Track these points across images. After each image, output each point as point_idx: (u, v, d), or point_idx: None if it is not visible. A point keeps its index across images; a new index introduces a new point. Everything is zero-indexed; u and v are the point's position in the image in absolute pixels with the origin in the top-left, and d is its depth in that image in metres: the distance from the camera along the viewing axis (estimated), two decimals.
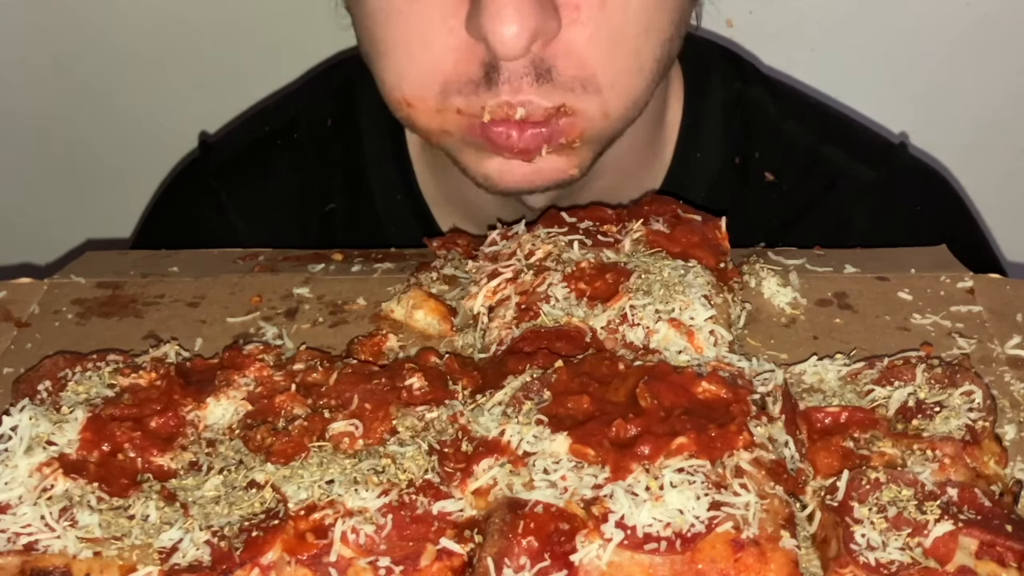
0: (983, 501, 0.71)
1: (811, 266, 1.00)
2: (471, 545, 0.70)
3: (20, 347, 0.94)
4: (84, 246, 1.75)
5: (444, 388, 0.81)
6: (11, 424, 0.77)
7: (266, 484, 0.73)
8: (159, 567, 0.69)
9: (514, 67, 0.95)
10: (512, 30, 0.91)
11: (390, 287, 1.00)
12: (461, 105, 0.99)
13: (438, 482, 0.73)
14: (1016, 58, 1.62)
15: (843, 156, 1.28)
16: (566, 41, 0.96)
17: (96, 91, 1.78)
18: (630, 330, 0.85)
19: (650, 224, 0.96)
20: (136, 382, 0.84)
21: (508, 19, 0.91)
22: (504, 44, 0.91)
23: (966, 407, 0.78)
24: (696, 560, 0.67)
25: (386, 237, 1.28)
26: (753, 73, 1.32)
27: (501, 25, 0.91)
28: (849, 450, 0.77)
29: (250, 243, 1.14)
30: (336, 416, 0.78)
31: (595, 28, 0.96)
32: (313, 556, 0.69)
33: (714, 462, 0.72)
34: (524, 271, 0.92)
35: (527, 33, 0.91)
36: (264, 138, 1.37)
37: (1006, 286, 0.96)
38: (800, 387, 0.84)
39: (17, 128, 1.83)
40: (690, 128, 1.26)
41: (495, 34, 0.91)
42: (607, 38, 0.97)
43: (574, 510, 0.70)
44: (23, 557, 0.70)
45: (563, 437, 0.74)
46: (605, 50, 0.97)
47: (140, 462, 0.78)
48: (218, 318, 0.97)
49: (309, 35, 1.57)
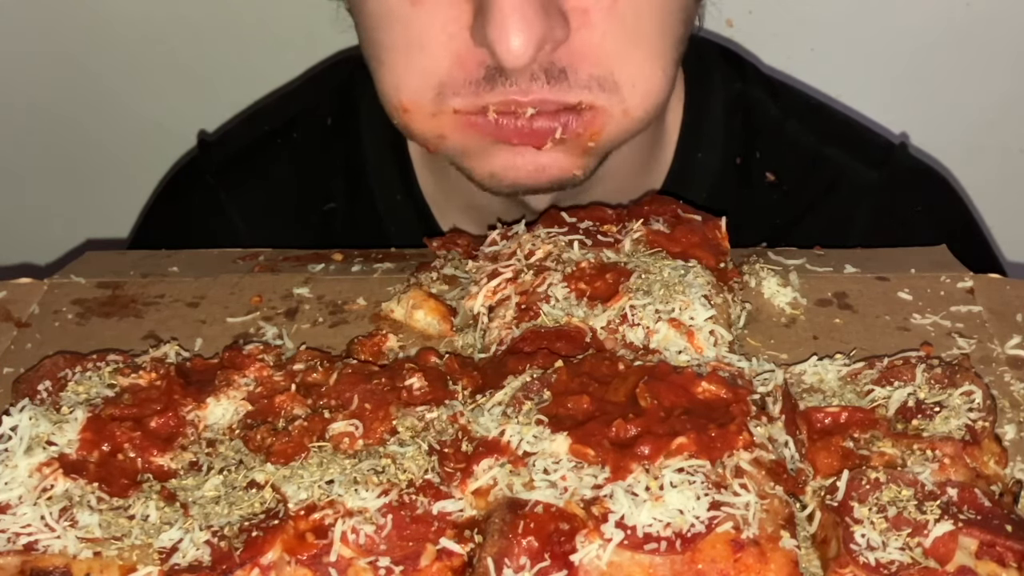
0: (983, 501, 0.71)
1: (811, 266, 1.00)
2: (471, 545, 0.70)
3: (20, 347, 0.94)
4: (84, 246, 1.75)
5: (444, 388, 0.81)
6: (11, 424, 0.77)
7: (266, 484, 0.73)
8: (159, 567, 0.69)
9: (523, 73, 0.95)
10: (519, 40, 0.90)
11: (390, 287, 1.00)
12: (459, 106, 0.99)
13: (438, 482, 0.73)
14: (1016, 58, 1.62)
15: (844, 156, 1.28)
16: (578, 44, 0.95)
17: (96, 91, 1.78)
18: (630, 330, 0.85)
19: (650, 224, 0.96)
20: (136, 382, 0.84)
21: (514, 29, 0.90)
22: (510, 54, 0.91)
23: (966, 407, 0.78)
24: (696, 560, 0.67)
25: (386, 237, 1.28)
26: (754, 73, 1.32)
27: (507, 34, 0.90)
28: (849, 450, 0.77)
29: (249, 242, 1.14)
30: (336, 416, 0.78)
31: (607, 29, 0.96)
32: (313, 556, 0.68)
33: (714, 462, 0.72)
34: (524, 271, 0.92)
35: (534, 43, 0.91)
36: (264, 137, 1.37)
37: (1006, 286, 0.96)
38: (800, 387, 0.84)
39: (18, 128, 1.83)
40: (691, 128, 1.26)
41: (501, 43, 0.91)
42: (623, 38, 0.97)
43: (574, 510, 0.70)
44: (23, 557, 0.70)
45: (563, 437, 0.74)
46: (622, 49, 0.97)
47: (140, 462, 0.78)
48: (218, 318, 0.97)
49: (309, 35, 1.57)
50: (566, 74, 0.96)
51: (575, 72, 0.96)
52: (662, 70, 1.01)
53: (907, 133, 1.61)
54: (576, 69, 0.96)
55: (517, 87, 0.96)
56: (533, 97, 0.96)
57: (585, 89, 0.97)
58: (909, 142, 1.43)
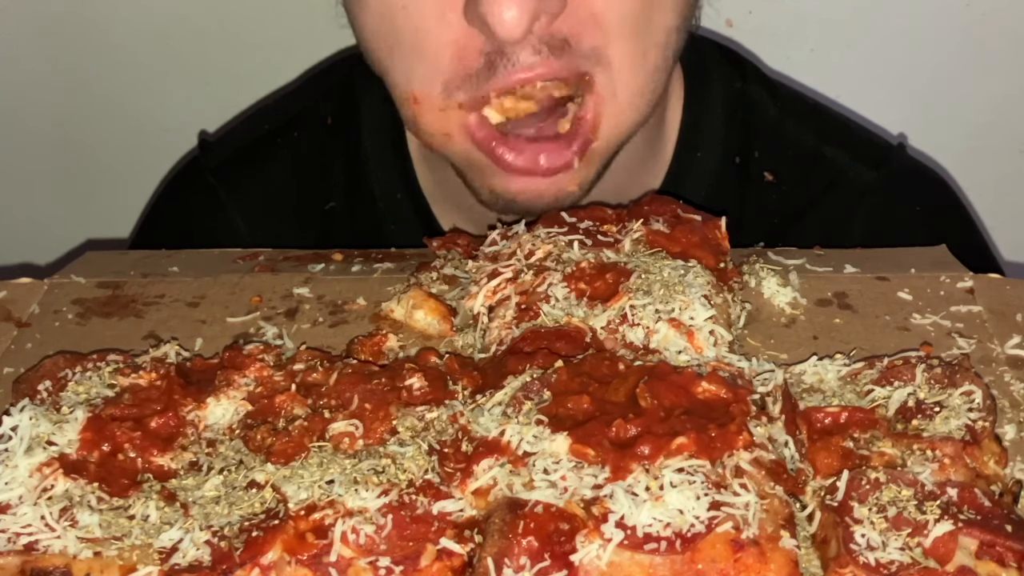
0: (983, 501, 0.71)
1: (811, 266, 1.00)
2: (471, 545, 0.70)
3: (20, 347, 0.94)
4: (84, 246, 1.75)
5: (444, 388, 0.81)
6: (11, 424, 0.77)
7: (266, 484, 0.73)
8: (159, 567, 0.69)
9: (523, 48, 0.95)
10: (512, 12, 0.91)
11: (390, 287, 1.00)
12: (463, 99, 0.99)
13: (438, 482, 0.73)
14: (1016, 58, 1.62)
15: (843, 157, 1.28)
16: (579, 13, 0.95)
17: (96, 91, 1.78)
18: (630, 330, 0.85)
19: (650, 224, 0.96)
20: (136, 382, 0.84)
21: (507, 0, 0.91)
22: (504, 26, 0.91)
23: (966, 407, 0.78)
24: (696, 560, 0.67)
25: (386, 236, 1.28)
26: (753, 72, 1.32)
27: (500, 7, 0.91)
28: (849, 450, 0.77)
29: (249, 241, 1.14)
30: (336, 416, 0.78)
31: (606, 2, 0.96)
32: (313, 556, 0.69)
33: (714, 462, 0.72)
34: (524, 271, 0.92)
35: (527, 14, 0.91)
36: (264, 137, 1.37)
37: (1006, 286, 0.96)
38: (800, 387, 0.84)
39: (17, 128, 1.83)
40: (690, 127, 1.26)
41: (494, 16, 0.91)
42: (615, 15, 0.97)
43: (574, 510, 0.70)
44: (23, 557, 0.70)
45: (563, 437, 0.74)
46: (614, 27, 0.97)
47: (140, 462, 0.78)
48: (218, 318, 0.97)
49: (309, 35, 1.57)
50: (568, 43, 0.96)
51: (578, 41, 0.96)
52: (644, 54, 1.01)
53: (906, 133, 1.61)
54: (579, 38, 0.96)
55: (520, 64, 0.96)
56: (538, 71, 0.96)
57: (587, 60, 0.97)
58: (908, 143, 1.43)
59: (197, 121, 1.63)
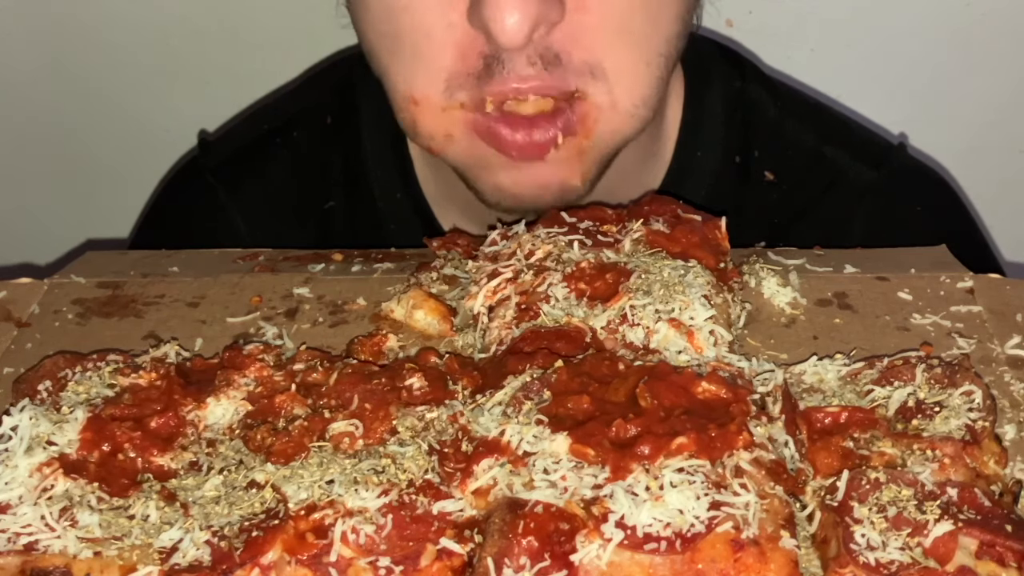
0: (983, 501, 0.71)
1: (811, 266, 1.00)
2: (471, 545, 0.70)
3: (20, 347, 0.94)
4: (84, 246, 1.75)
5: (444, 388, 0.81)
6: (11, 424, 0.77)
7: (266, 484, 0.73)
8: (159, 567, 0.69)
9: (519, 57, 0.95)
10: (514, 18, 0.91)
11: (390, 287, 1.00)
12: (464, 99, 0.99)
13: (438, 482, 0.73)
14: (1016, 58, 1.62)
15: (843, 156, 1.28)
16: (572, 27, 0.96)
17: (96, 91, 1.78)
18: (630, 330, 0.85)
19: (650, 224, 0.96)
20: (136, 382, 0.84)
21: (509, 7, 0.91)
22: (505, 33, 0.92)
23: (966, 407, 0.78)
24: (696, 560, 0.67)
25: (386, 236, 1.28)
26: (753, 72, 1.32)
27: (502, 13, 0.91)
28: (849, 450, 0.77)
29: (249, 241, 1.14)
30: (336, 416, 0.78)
31: (601, 15, 0.97)
32: (313, 556, 0.69)
33: (714, 462, 0.72)
34: (524, 271, 0.92)
35: (529, 21, 0.92)
36: (263, 136, 1.37)
37: (1006, 286, 0.96)
38: (800, 387, 0.84)
39: (17, 128, 1.83)
40: (690, 127, 1.26)
41: (496, 23, 0.92)
42: (613, 27, 0.97)
43: (574, 510, 0.70)
44: (23, 557, 0.70)
45: (563, 437, 0.74)
46: (612, 38, 0.98)
47: (140, 462, 0.78)
48: (218, 318, 0.97)
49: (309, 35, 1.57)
50: (560, 59, 0.97)
51: (568, 57, 0.97)
52: (647, 64, 1.01)
53: (906, 134, 1.61)
54: (570, 54, 0.97)
55: (515, 74, 0.96)
56: (531, 84, 0.97)
57: (578, 75, 0.98)
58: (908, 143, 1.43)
59: (197, 121, 1.62)
